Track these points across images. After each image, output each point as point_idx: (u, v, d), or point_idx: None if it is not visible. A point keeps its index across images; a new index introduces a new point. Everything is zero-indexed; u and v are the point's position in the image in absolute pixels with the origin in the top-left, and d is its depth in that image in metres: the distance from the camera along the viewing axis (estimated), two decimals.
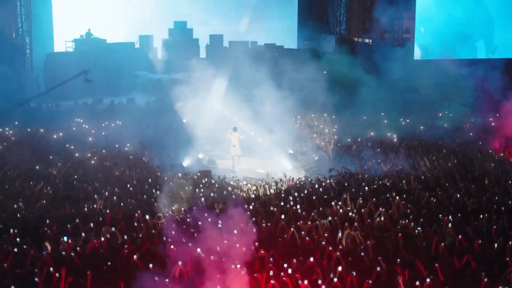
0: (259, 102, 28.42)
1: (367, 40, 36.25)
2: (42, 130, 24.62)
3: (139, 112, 28.59)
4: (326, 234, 13.47)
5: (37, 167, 19.46)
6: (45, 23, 33.71)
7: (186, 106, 28.00)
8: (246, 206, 15.25)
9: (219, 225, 13.42)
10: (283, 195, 16.42)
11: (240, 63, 31.19)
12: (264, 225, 13.93)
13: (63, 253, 12.46)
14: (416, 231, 13.65)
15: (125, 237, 13.17)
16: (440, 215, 14.55)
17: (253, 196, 16.71)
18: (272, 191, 17.27)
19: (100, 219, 14.63)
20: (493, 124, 25.39)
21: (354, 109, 28.10)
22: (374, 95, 28.81)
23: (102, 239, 12.98)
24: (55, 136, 23.93)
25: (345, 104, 28.57)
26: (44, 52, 32.97)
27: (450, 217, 14.32)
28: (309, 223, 14.02)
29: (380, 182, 17.39)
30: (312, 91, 29.40)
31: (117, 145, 22.09)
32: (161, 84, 31.81)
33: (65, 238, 13.15)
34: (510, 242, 12.63)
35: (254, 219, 14.18)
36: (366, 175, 18.57)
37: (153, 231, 13.55)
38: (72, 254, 12.49)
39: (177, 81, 29.15)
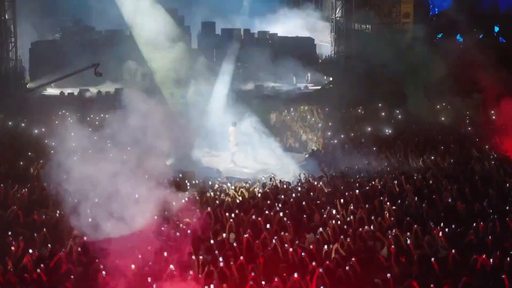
0: (251, 93, 27.54)
1: (364, 27, 35.07)
2: (23, 124, 23.63)
3: (127, 104, 27.45)
4: (311, 247, 12.60)
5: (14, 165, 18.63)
6: (31, 10, 32.46)
7: (175, 97, 27.08)
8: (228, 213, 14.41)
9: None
10: (268, 202, 15.46)
11: (233, 52, 30.29)
12: (245, 235, 13.06)
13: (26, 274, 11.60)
14: (408, 241, 12.82)
15: None
16: (432, 224, 13.71)
17: (238, 200, 15.75)
18: (259, 195, 16.27)
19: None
20: (493, 117, 24.26)
21: (350, 101, 27.01)
22: (372, 86, 27.62)
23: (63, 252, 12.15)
24: (36, 131, 22.97)
25: (341, 95, 27.49)
26: (29, 40, 31.81)
27: (442, 225, 13.52)
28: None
29: (371, 184, 16.48)
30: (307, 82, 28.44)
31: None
32: (151, 73, 30.75)
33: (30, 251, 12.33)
34: (508, 259, 11.74)
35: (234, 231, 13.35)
36: (358, 176, 17.65)
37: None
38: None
39: (168, 71, 28.15)
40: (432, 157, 18.83)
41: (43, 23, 32.83)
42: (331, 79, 30.32)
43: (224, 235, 13.56)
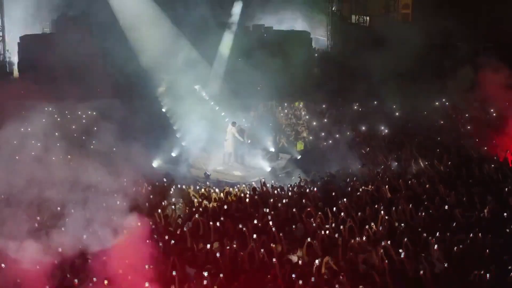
0: (244, 89, 26.82)
1: (362, 19, 34.37)
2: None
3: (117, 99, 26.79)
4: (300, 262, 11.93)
5: None
6: (19, 3, 31.73)
7: (167, 93, 26.42)
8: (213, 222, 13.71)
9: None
10: (257, 209, 14.73)
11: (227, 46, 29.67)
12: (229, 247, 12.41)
13: None
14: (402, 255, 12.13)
15: None
16: (427, 235, 13.01)
17: (225, 207, 15.04)
18: (247, 200, 15.56)
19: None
20: (494, 115, 23.44)
21: (347, 97, 26.24)
22: (370, 81, 26.83)
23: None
24: (22, 129, 22.25)
25: (338, 91, 26.74)
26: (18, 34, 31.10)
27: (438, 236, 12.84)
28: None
29: (363, 188, 15.76)
30: (302, 77, 27.72)
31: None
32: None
33: None
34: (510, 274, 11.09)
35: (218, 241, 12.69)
36: (348, 179, 16.93)
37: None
38: None
39: (158, 66, 27.49)
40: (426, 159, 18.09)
41: (32, 17, 32.14)
42: None
43: (208, 246, 12.87)
